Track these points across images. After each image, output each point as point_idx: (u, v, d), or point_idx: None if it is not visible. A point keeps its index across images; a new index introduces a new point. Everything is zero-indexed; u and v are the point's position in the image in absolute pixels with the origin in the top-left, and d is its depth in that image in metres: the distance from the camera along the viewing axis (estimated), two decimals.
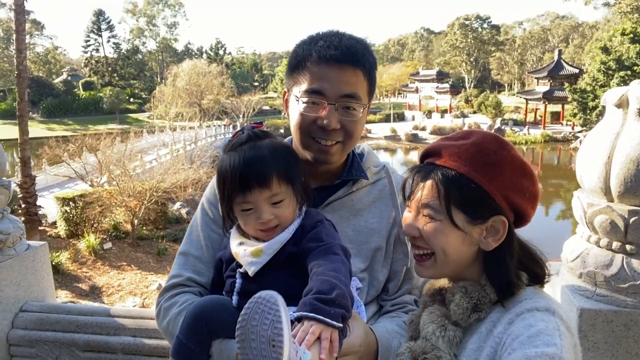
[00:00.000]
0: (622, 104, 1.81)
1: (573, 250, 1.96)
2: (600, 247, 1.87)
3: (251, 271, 1.34)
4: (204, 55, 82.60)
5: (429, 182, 1.20)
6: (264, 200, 1.33)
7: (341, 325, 1.17)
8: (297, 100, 1.48)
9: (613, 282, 1.80)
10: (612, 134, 1.81)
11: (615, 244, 1.82)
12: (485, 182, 1.16)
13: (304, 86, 1.46)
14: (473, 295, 1.20)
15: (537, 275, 1.23)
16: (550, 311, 1.10)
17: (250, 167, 1.31)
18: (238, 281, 1.38)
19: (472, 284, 1.22)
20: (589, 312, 1.81)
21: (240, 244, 1.38)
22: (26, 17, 17.85)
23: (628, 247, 1.80)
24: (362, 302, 1.46)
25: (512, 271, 1.19)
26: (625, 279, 1.78)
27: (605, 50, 40.47)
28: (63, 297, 13.12)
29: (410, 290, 1.59)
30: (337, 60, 1.44)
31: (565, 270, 2.01)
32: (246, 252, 1.35)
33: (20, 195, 15.79)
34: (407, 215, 1.27)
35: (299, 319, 1.14)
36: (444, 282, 1.35)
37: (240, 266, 1.39)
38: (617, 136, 1.79)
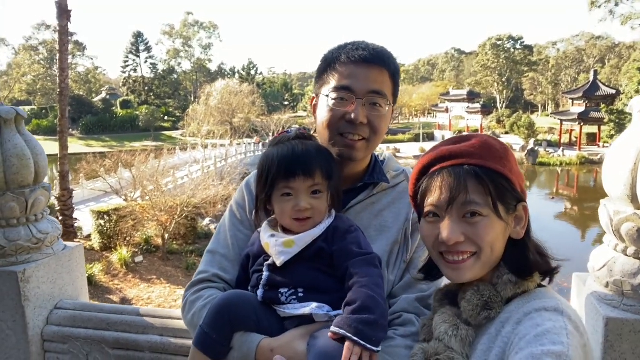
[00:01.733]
0: None
1: (599, 259, 1.92)
2: (627, 255, 1.83)
3: (280, 261, 1.40)
4: (236, 75, 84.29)
5: (469, 181, 1.20)
6: (305, 189, 1.42)
7: (380, 349, 1.26)
8: (327, 97, 1.57)
9: None
10: (638, 141, 1.79)
11: None
12: (507, 172, 1.22)
13: (333, 84, 1.56)
14: (484, 294, 1.21)
15: (545, 268, 1.25)
16: (559, 311, 1.10)
17: (298, 157, 1.42)
18: (265, 274, 1.43)
19: (484, 283, 1.24)
20: (616, 322, 1.77)
21: (272, 235, 1.46)
22: (69, 38, 18.73)
23: None
24: None
25: (531, 251, 1.24)
26: None
27: None
28: None
29: (411, 281, 1.56)
30: (365, 60, 1.54)
31: (592, 280, 1.97)
32: (278, 242, 1.42)
33: (58, 207, 16.36)
34: (445, 223, 1.22)
35: (342, 338, 1.24)
36: (451, 286, 1.36)
37: (267, 260, 1.45)
38: None
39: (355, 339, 1.22)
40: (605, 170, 1.93)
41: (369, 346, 1.22)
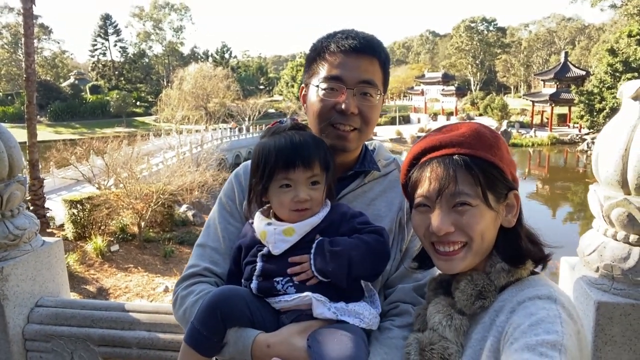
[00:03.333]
0: (639, 96, 1.80)
1: (589, 244, 1.95)
2: (617, 240, 1.85)
3: (278, 249, 1.38)
4: (210, 59, 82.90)
5: (458, 171, 1.20)
6: (304, 180, 1.40)
7: (319, 278, 1.34)
8: (317, 88, 1.54)
9: (630, 275, 1.78)
10: (628, 126, 1.80)
11: (633, 237, 1.81)
12: (498, 161, 1.21)
13: (322, 74, 1.54)
14: (478, 283, 1.22)
15: (538, 256, 1.26)
16: (552, 299, 1.11)
17: (296, 147, 1.40)
18: (259, 264, 1.40)
19: (478, 272, 1.24)
20: (607, 306, 1.79)
21: (269, 224, 1.43)
22: (34, 21, 17.99)
23: None
24: (375, 291, 1.50)
25: (523, 239, 1.24)
26: None
27: (612, 52, 40.28)
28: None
29: (407, 271, 1.55)
30: (355, 49, 1.51)
31: (582, 265, 2.00)
32: (277, 230, 1.40)
33: (29, 197, 15.91)
34: (435, 213, 1.22)
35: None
36: (445, 275, 1.36)
37: (260, 250, 1.42)
38: (634, 129, 1.78)
39: (311, 254, 1.35)
40: (595, 156, 1.94)
41: (312, 264, 1.34)
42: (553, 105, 48.47)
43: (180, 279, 1.60)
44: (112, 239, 16.77)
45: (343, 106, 1.49)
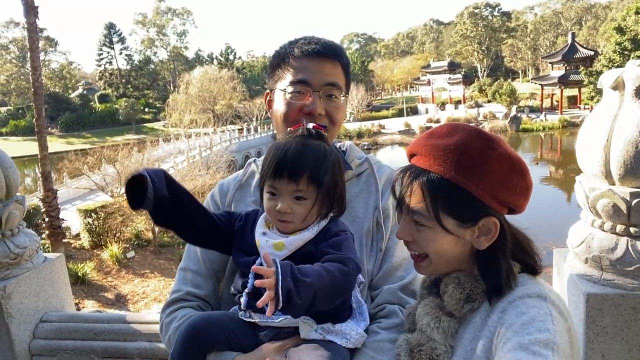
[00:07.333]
0: (619, 86, 1.79)
1: (578, 235, 1.94)
2: (604, 231, 1.85)
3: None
4: (215, 61, 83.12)
5: (416, 188, 1.18)
6: (288, 192, 1.36)
7: (280, 302, 1.14)
8: (283, 92, 1.58)
9: (619, 266, 1.78)
10: (609, 116, 1.79)
11: (619, 227, 1.80)
12: (472, 185, 1.13)
13: (288, 79, 1.58)
14: (466, 286, 1.21)
15: (530, 265, 1.23)
16: (542, 297, 1.11)
17: (287, 158, 1.35)
18: (250, 281, 1.38)
19: (466, 274, 1.23)
20: (596, 297, 1.79)
21: (264, 233, 1.42)
22: (39, 34, 18.18)
23: (632, 229, 1.78)
24: (363, 301, 1.48)
25: (503, 272, 1.17)
26: (631, 261, 1.76)
27: (620, 30, 39.64)
28: (90, 306, 13.39)
29: (390, 270, 1.56)
30: (318, 54, 1.57)
31: (572, 257, 2.00)
32: (268, 243, 1.39)
33: (43, 209, 16.15)
34: (400, 219, 1.27)
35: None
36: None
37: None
38: (615, 119, 1.78)
39: (277, 269, 1.16)
40: (579, 147, 1.94)
41: (280, 283, 1.14)
42: (562, 87, 47.84)
43: (164, 305, 1.62)
44: (127, 245, 16.99)
45: (310, 108, 1.54)
